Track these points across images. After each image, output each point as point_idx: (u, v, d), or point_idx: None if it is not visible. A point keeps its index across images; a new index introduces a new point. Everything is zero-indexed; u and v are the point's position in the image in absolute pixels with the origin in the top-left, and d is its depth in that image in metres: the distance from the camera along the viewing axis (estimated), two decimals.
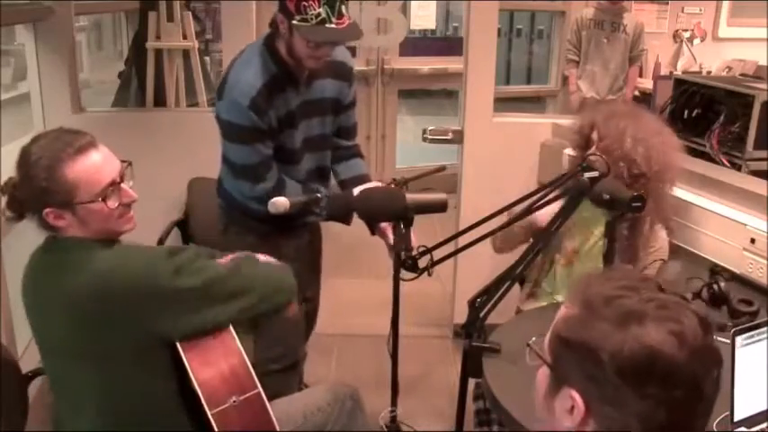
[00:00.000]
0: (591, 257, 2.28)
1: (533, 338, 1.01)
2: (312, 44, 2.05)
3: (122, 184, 1.57)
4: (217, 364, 1.58)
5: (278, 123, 2.18)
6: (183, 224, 2.89)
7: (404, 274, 1.81)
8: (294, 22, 2.00)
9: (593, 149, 2.15)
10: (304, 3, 1.97)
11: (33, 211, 1.53)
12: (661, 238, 2.25)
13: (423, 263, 1.79)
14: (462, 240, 1.89)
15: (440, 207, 1.87)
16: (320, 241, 2.65)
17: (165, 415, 1.59)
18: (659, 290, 0.91)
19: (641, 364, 0.84)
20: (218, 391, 1.56)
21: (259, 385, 1.60)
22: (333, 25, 2.00)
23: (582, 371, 0.89)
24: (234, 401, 1.56)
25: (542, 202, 1.81)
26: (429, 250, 1.79)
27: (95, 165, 1.52)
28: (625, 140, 2.08)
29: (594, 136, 2.17)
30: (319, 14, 1.98)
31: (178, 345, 1.54)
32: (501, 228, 1.94)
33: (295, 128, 2.23)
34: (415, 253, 1.78)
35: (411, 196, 1.82)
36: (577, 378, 0.90)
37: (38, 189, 1.49)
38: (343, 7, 2.01)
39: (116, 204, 1.55)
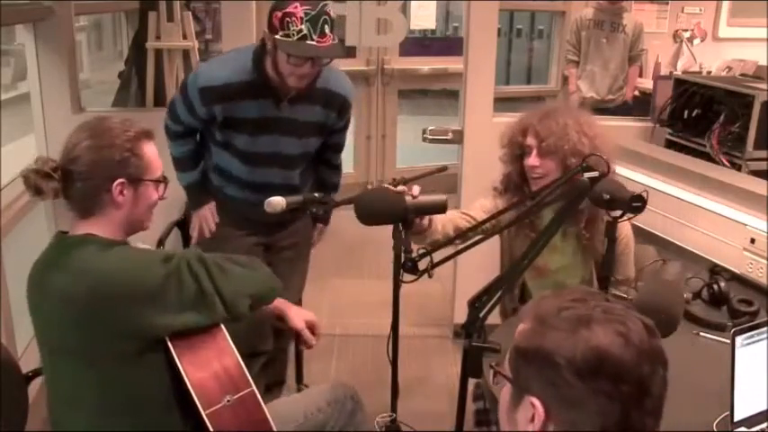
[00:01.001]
0: (566, 268, 2.26)
1: (494, 362, 1.08)
2: (292, 59, 2.10)
3: None
4: (209, 363, 1.57)
5: (224, 121, 2.28)
6: (182, 224, 2.88)
7: (404, 276, 1.81)
8: (277, 36, 2.08)
9: (533, 155, 2.11)
10: (287, 19, 2.05)
11: (96, 181, 1.55)
12: (625, 226, 2.20)
13: (423, 264, 1.78)
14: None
15: (440, 208, 1.86)
16: (304, 238, 2.65)
17: (158, 415, 1.59)
18: (606, 300, 0.99)
19: (593, 363, 0.91)
20: (211, 390, 1.55)
21: (253, 384, 1.59)
22: (313, 42, 2.07)
23: (540, 377, 0.95)
24: (228, 401, 1.56)
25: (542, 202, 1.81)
26: (429, 252, 1.79)
27: (156, 153, 1.66)
28: (570, 134, 2.07)
29: (531, 141, 2.13)
30: (301, 30, 2.05)
31: (170, 345, 1.54)
32: (502, 228, 1.94)
33: (248, 134, 2.31)
34: (415, 255, 1.78)
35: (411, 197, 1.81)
36: (537, 385, 0.96)
37: (115, 160, 1.55)
38: (327, 27, 2.08)
39: (159, 195, 1.65)
